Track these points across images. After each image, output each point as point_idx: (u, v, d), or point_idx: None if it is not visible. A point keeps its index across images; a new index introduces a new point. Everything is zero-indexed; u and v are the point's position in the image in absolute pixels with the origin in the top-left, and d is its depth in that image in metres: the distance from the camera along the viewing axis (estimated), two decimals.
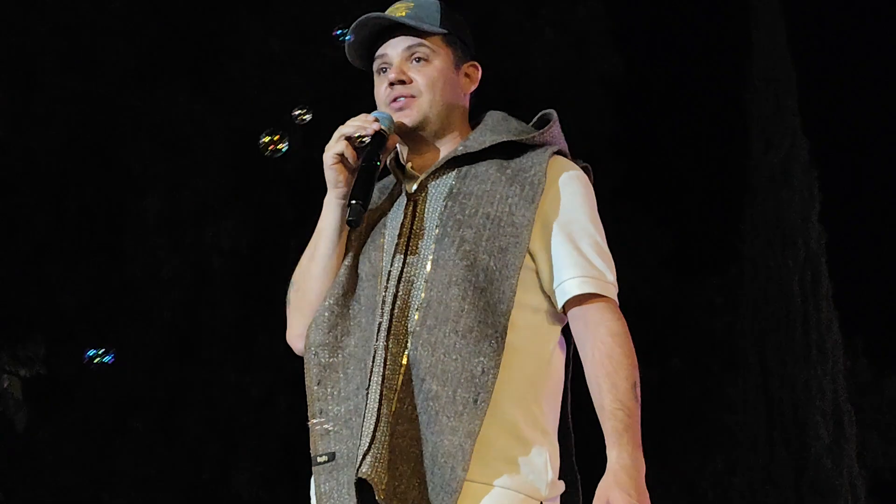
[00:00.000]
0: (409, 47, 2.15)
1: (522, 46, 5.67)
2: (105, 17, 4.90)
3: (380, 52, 2.17)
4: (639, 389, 1.95)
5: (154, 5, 5.09)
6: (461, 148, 2.13)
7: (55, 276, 5.13)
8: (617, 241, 2.27)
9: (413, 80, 2.14)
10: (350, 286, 2.09)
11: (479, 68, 2.22)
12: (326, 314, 2.06)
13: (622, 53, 7.13)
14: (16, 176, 4.90)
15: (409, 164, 2.17)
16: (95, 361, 2.09)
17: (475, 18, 4.48)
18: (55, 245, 5.18)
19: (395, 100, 2.14)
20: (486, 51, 4.10)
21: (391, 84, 2.14)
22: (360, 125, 2.08)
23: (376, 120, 2.10)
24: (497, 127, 2.17)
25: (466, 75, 2.19)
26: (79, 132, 4.99)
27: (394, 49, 2.16)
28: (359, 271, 2.11)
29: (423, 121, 2.13)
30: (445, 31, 2.17)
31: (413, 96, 2.13)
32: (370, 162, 2.06)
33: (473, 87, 2.20)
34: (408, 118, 2.12)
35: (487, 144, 2.12)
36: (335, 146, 2.09)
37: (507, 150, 2.15)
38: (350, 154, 2.07)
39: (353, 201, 2.03)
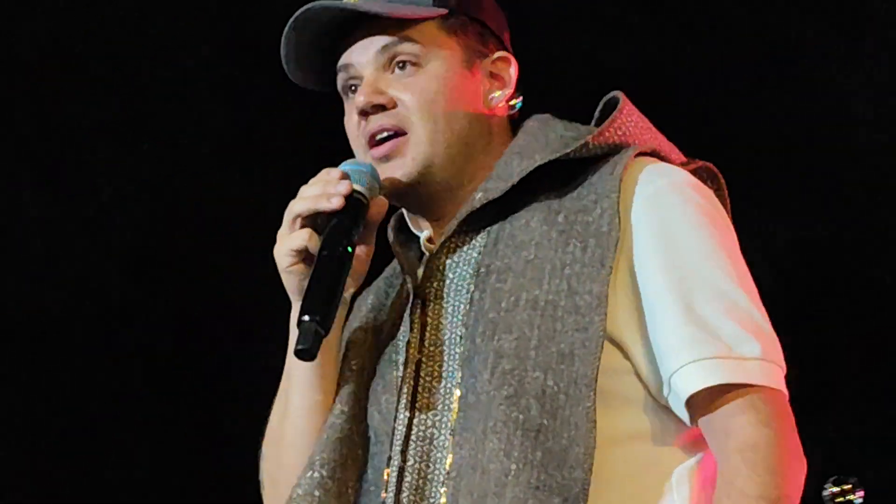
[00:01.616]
0: (386, 47, 1.59)
1: (835, 85, 4.15)
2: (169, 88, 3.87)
3: (342, 61, 1.63)
4: None
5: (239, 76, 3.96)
6: (479, 195, 1.57)
7: (114, 474, 3.95)
8: None
9: (397, 101, 1.58)
10: (350, 447, 1.56)
11: (513, 62, 1.64)
12: (318, 493, 1.53)
13: None
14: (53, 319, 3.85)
15: (425, 236, 1.63)
16: None
17: (761, 48, 3.30)
18: (113, 425, 3.95)
19: (374, 142, 1.59)
20: (778, 90, 3.24)
21: (363, 113, 1.59)
22: (320, 194, 1.54)
23: (345, 176, 1.55)
24: (530, 144, 1.59)
25: (492, 75, 1.63)
26: (144, 245, 3.93)
27: (361, 54, 1.61)
28: (369, 423, 1.58)
29: (426, 171, 1.58)
30: (444, 10, 1.60)
31: (403, 132, 1.58)
32: (335, 249, 1.51)
33: (509, 93, 1.63)
34: (401, 171, 1.58)
35: (515, 179, 1.55)
36: (290, 239, 1.56)
37: (553, 179, 1.56)
38: (315, 246, 1.53)
39: (306, 317, 1.47)
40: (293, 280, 1.58)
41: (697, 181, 1.58)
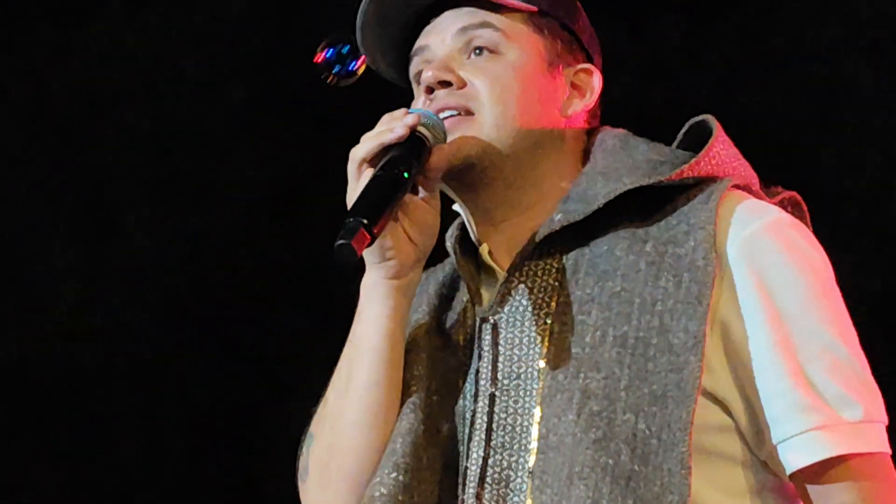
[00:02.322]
0: (465, 29, 1.54)
1: None
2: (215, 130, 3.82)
3: (418, 43, 1.57)
4: None
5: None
6: (559, 216, 1.48)
7: None
8: None
9: (468, 82, 1.51)
10: (429, 461, 1.47)
11: (597, 74, 1.58)
12: (402, 499, 1.45)
13: None
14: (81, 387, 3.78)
15: (486, 248, 1.54)
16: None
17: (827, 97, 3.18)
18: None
19: None
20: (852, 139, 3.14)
21: (429, 91, 1.53)
22: (384, 129, 1.48)
23: (407, 113, 1.49)
24: (613, 164, 1.51)
25: (574, 86, 1.56)
26: (178, 296, 3.82)
27: (438, 34, 1.55)
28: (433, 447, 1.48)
29: (485, 153, 1.50)
30: (534, 7, 1.55)
31: (468, 112, 1.51)
32: (390, 171, 1.44)
33: (588, 106, 1.57)
34: (457, 146, 1.49)
35: (601, 202, 1.47)
36: (360, 188, 1.46)
37: (637, 203, 1.48)
38: None
39: (350, 219, 1.38)
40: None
41: (794, 220, 1.53)
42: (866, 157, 3.23)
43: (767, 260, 1.46)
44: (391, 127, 1.48)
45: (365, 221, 1.39)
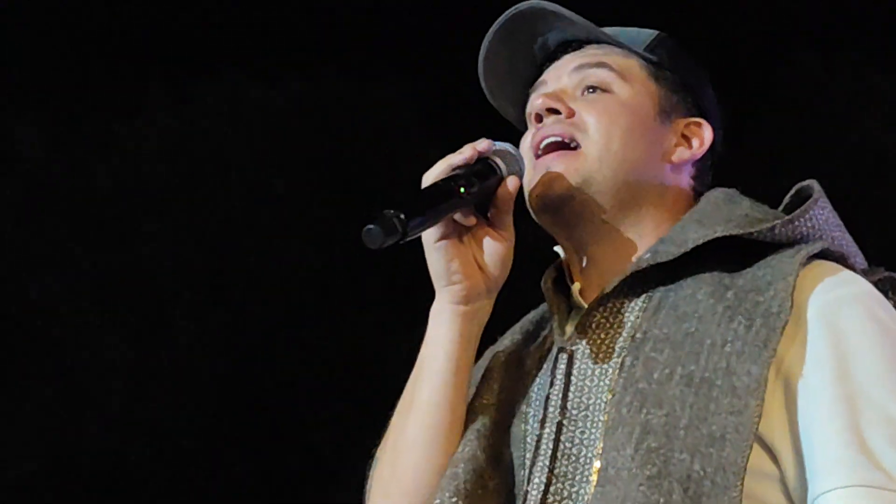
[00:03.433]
0: (581, 67, 1.57)
1: None
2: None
3: (538, 82, 1.60)
4: None
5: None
6: (648, 255, 1.50)
7: None
8: None
9: (576, 113, 1.54)
10: (485, 490, 1.46)
11: (709, 128, 1.57)
12: None
13: None
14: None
15: (577, 286, 1.56)
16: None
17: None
18: None
19: (539, 147, 1.54)
20: None
21: (538, 119, 1.55)
22: (456, 153, 1.51)
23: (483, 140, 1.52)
24: (711, 215, 1.51)
25: (684, 136, 1.56)
26: (224, 391, 3.83)
27: (556, 71, 1.59)
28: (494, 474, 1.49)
29: (584, 186, 1.52)
30: (653, 58, 1.58)
31: (574, 144, 1.53)
32: (449, 183, 1.46)
33: (694, 157, 1.56)
34: (558, 181, 1.51)
35: (690, 246, 1.48)
36: None
37: (729, 255, 1.48)
38: (466, 213, 1.49)
39: (392, 210, 1.40)
40: (437, 255, 1.52)
41: (882, 297, 1.51)
42: None
43: (847, 325, 1.45)
44: (462, 150, 1.51)
45: (401, 216, 1.41)
